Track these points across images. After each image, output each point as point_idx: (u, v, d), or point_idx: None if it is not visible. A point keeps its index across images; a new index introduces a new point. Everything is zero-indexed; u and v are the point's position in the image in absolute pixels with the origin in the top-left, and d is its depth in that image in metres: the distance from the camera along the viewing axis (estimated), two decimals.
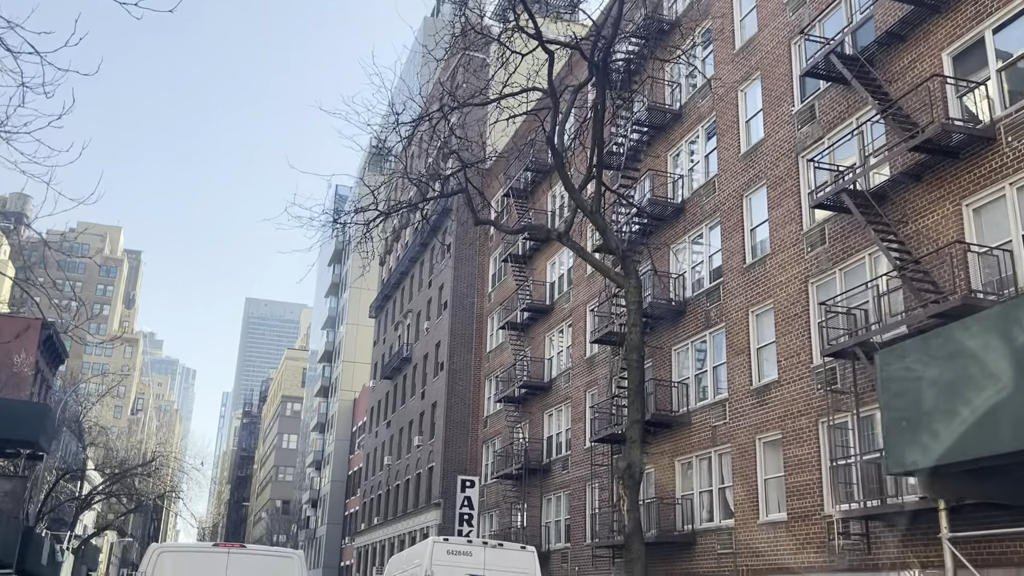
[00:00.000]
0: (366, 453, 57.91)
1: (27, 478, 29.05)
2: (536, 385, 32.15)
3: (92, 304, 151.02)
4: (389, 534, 46.77)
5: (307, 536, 77.72)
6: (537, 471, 30.95)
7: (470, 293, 41.94)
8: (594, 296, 28.93)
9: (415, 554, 15.26)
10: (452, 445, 39.70)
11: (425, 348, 45.72)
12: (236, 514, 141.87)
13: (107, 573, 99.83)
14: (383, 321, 58.87)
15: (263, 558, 12.65)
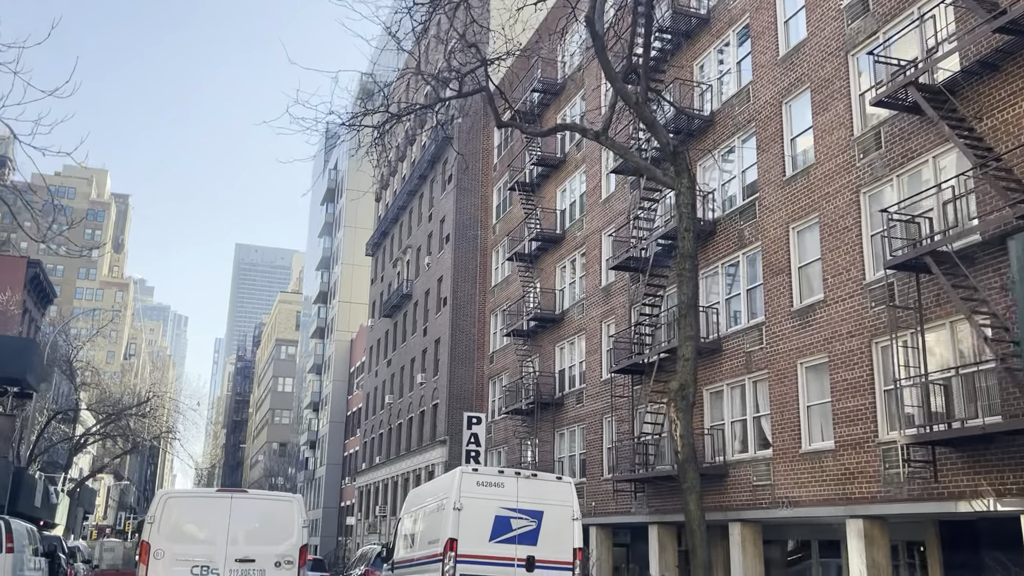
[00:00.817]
0: (365, 393, 56.80)
1: (15, 417, 27.65)
2: (547, 317, 30.73)
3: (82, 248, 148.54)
4: (392, 473, 45.85)
5: (306, 477, 77.20)
6: (549, 405, 29.71)
7: (473, 225, 40.25)
8: (610, 222, 27.32)
9: (441, 487, 13.90)
10: (457, 382, 38.45)
11: (426, 284, 44.20)
12: (233, 457, 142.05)
13: (104, 516, 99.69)
14: (380, 259, 57.23)
15: (264, 502, 13.37)
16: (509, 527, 13.05)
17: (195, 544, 12.22)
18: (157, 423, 44.94)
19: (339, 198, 79.00)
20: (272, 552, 12.28)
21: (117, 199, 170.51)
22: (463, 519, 12.82)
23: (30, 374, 27.74)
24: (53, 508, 36.85)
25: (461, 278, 39.68)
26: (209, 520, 12.35)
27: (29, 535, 18.66)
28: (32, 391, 29.54)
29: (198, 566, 12.01)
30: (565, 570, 13.09)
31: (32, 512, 32.06)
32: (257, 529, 12.49)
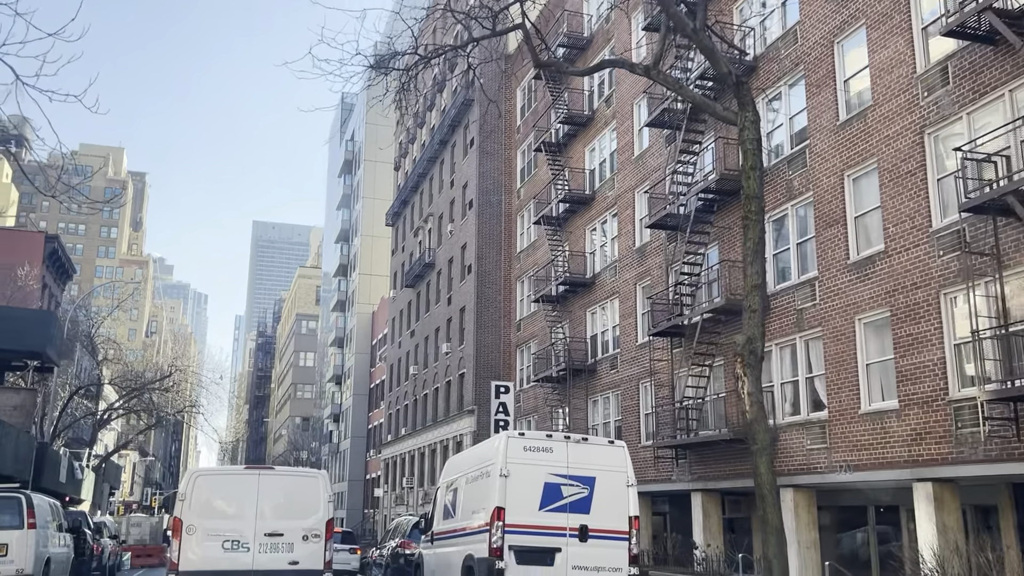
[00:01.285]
0: (389, 365, 56.14)
1: (36, 391, 27.03)
2: (577, 281, 29.70)
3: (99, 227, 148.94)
4: (419, 444, 45.22)
5: (330, 451, 77.00)
6: (581, 372, 28.77)
7: (497, 190, 39.15)
8: (644, 179, 26.16)
9: (484, 453, 12.97)
10: (484, 350, 37.58)
11: (449, 252, 43.23)
12: (256, 432, 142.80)
13: (131, 492, 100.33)
14: (401, 228, 56.28)
15: (290, 478, 13.59)
16: (559, 495, 12.13)
17: (225, 520, 12.52)
18: (180, 397, 44.47)
19: (357, 169, 78.00)
20: (299, 526, 12.55)
21: (134, 177, 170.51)
22: (510, 487, 11.90)
23: (50, 347, 27.07)
24: (79, 484, 36.45)
25: (485, 244, 38.67)
26: (238, 496, 12.66)
27: (52, 511, 18.01)
28: (53, 365, 28.92)
29: (229, 540, 12.34)
30: (620, 540, 12.17)
31: (57, 488, 31.60)
32: (284, 504, 12.72)
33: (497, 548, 11.67)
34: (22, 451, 25.23)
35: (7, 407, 26.31)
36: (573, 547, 11.95)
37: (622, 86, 28.13)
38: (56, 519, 18.39)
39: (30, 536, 15.84)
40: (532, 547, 11.83)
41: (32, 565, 15.78)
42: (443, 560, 13.95)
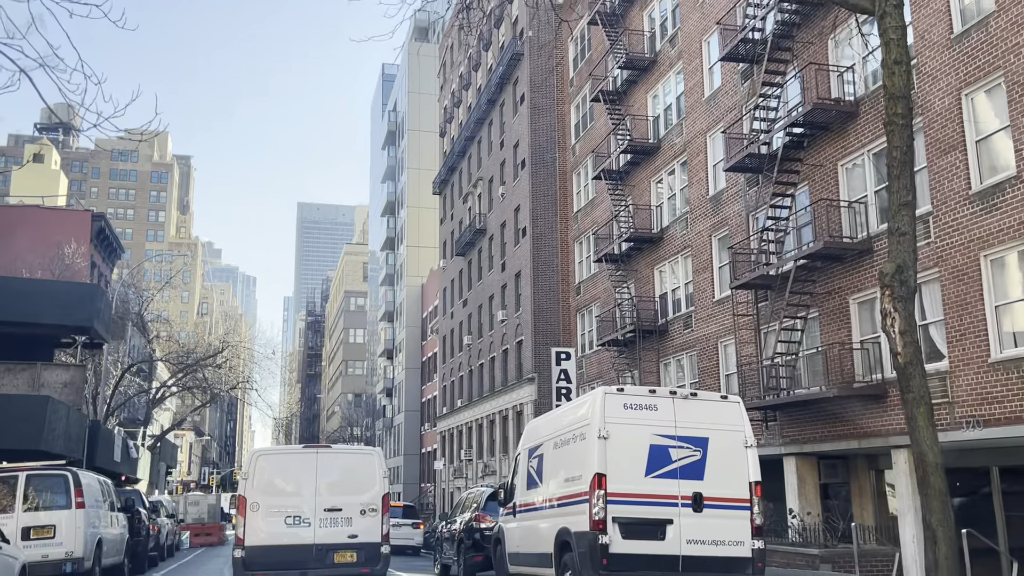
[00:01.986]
0: (441, 336, 54.89)
1: (85, 367, 26.14)
2: (643, 237, 27.83)
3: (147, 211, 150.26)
4: (476, 415, 43.92)
5: (384, 425, 76.40)
6: (652, 333, 26.98)
7: (550, 148, 37.30)
8: (717, 120, 24.12)
9: (576, 413, 11.34)
10: (542, 316, 35.95)
11: (501, 216, 41.56)
12: (309, 410, 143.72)
13: (188, 471, 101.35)
14: (449, 196, 54.74)
15: (346, 455, 14.42)
16: (668, 458, 10.47)
17: (286, 496, 12.93)
18: (233, 373, 43.74)
19: (400, 140, 76.58)
20: (357, 501, 12.98)
21: (179, 160, 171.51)
22: (611, 450, 10.27)
23: (97, 322, 26.09)
24: (134, 463, 35.84)
25: (540, 206, 36.91)
26: (298, 474, 13.09)
27: (103, 489, 16.91)
28: (102, 341, 28.01)
29: (291, 516, 12.75)
30: (740, 509, 10.49)
31: (112, 467, 30.89)
32: (342, 481, 13.12)
33: (599, 520, 10.07)
34: (73, 429, 24.35)
35: (56, 384, 25.44)
36: (686, 518, 10.31)
37: (688, 23, 26.03)
38: (107, 498, 17.30)
39: (79, 516, 14.70)
40: (639, 519, 10.21)
41: (82, 547, 14.65)
42: (530, 534, 12.41)
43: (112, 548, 16.88)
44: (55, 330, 25.62)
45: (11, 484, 14.62)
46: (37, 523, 14.45)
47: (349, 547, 12.73)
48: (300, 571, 12.62)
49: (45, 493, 14.78)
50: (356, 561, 12.76)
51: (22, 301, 25.14)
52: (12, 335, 25.80)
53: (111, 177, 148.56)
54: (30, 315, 25.03)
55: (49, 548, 14.37)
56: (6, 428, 20.51)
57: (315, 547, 12.65)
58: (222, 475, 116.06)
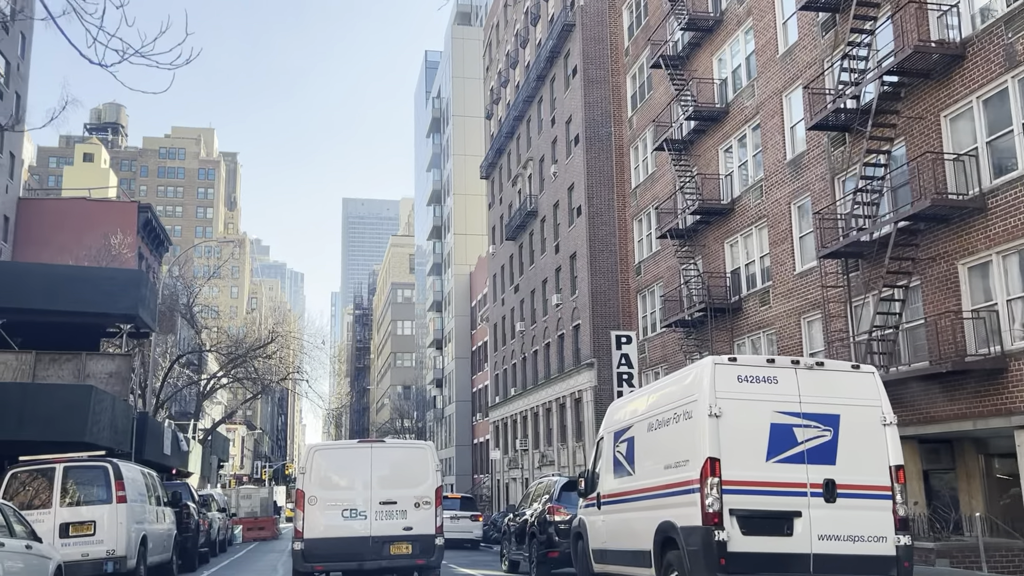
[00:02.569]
0: (492, 324, 53.52)
1: (131, 356, 25.21)
2: (712, 209, 26.01)
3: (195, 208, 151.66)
4: (531, 403, 42.46)
5: (435, 416, 75.41)
6: (724, 312, 25.19)
7: (605, 122, 35.57)
8: (794, 78, 22.20)
9: (678, 388, 9.73)
10: (600, 299, 34.31)
11: (554, 196, 39.96)
12: (359, 403, 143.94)
13: (241, 465, 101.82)
14: (497, 180, 53.27)
15: (400, 449, 14.54)
16: (792, 439, 8.84)
17: (343, 490, 13.15)
18: (283, 364, 42.90)
19: (445, 127, 75.32)
20: (411, 494, 13.11)
21: (226, 157, 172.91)
22: (725, 430, 8.68)
23: (143, 309, 25.15)
24: (185, 456, 35.07)
25: (596, 183, 35.23)
26: (353, 468, 13.32)
27: (148, 482, 15.75)
28: (148, 330, 27.11)
29: (348, 509, 12.95)
30: (880, 498, 8.84)
31: (162, 460, 30.08)
32: (396, 474, 13.31)
33: (714, 513, 8.48)
34: (120, 421, 23.42)
35: (102, 375, 24.55)
36: (817, 510, 8.67)
37: None
38: (153, 492, 16.14)
39: (120, 511, 13.52)
40: (762, 511, 8.60)
41: (124, 545, 13.46)
42: (620, 529, 10.86)
43: (159, 545, 15.75)
44: (99, 319, 24.74)
45: (49, 477, 13.52)
46: (76, 519, 13.33)
47: (404, 539, 12.91)
48: (357, 563, 12.82)
49: (84, 486, 13.65)
50: (411, 553, 12.93)
51: (65, 289, 24.29)
52: (56, 324, 25.01)
53: (159, 175, 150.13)
54: (73, 303, 24.17)
55: (89, 546, 13.23)
56: (49, 419, 19.57)
57: (371, 539, 12.84)
58: (274, 468, 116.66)
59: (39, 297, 24.10)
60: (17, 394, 20.19)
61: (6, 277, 23.94)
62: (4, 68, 37.50)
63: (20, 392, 20.33)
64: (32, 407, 19.87)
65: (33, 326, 25.22)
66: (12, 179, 40.13)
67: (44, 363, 24.40)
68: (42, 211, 43.07)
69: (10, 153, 38.78)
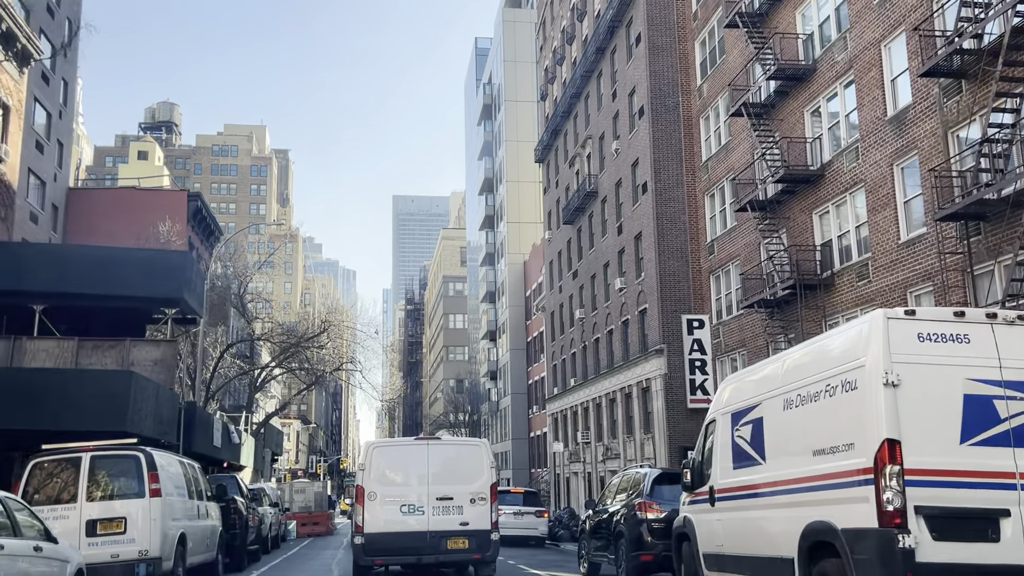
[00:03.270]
0: (549, 313, 51.56)
1: (177, 342, 23.89)
2: (798, 177, 23.68)
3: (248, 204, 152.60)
4: (592, 394, 40.43)
5: (490, 409, 73.78)
6: (815, 288, 22.87)
7: (672, 91, 33.33)
8: (896, 24, 19.79)
9: (833, 353, 7.65)
10: (669, 280, 32.12)
11: (616, 174, 37.83)
12: (412, 398, 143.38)
13: (296, 459, 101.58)
14: (552, 162, 51.26)
15: (455, 447, 15.16)
16: (993, 415, 6.76)
17: (401, 486, 13.41)
18: (336, 355, 41.56)
19: (496, 113, 73.54)
20: (467, 490, 13.28)
21: (277, 154, 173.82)
22: (905, 403, 6.64)
23: (188, 293, 23.81)
24: (237, 449, 33.86)
25: (662, 157, 33.01)
26: (410, 465, 13.61)
27: (187, 474, 14.17)
28: (195, 315, 25.79)
29: (406, 505, 13.18)
30: None
31: (212, 452, 28.83)
32: (452, 471, 13.51)
33: (895, 512, 6.45)
34: (165, 410, 22.08)
35: (147, 362, 23.22)
36: None
37: None
38: (195, 485, 14.57)
39: (154, 506, 11.94)
40: (958, 509, 6.53)
41: (159, 544, 11.86)
42: (745, 531, 8.84)
43: (200, 543, 14.18)
44: (143, 303, 23.46)
45: (75, 466, 11.99)
46: (105, 515, 11.78)
47: (461, 534, 13.09)
48: (416, 557, 13.15)
49: (114, 478, 12.10)
50: (468, 547, 13.11)
51: (106, 272, 23.02)
52: (99, 311, 23.81)
53: (212, 172, 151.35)
54: (115, 286, 22.89)
55: (119, 546, 11.67)
56: (87, 408, 18.22)
57: (429, 534, 13.06)
58: (329, 463, 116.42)
59: (79, 280, 22.88)
60: (53, 381, 18.90)
61: (45, 260, 22.78)
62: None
63: (57, 379, 19.05)
64: (69, 394, 18.54)
65: (76, 313, 24.06)
66: (61, 168, 39.36)
67: (87, 350, 23.17)
68: (92, 201, 42.33)
69: (57, 141, 37.96)
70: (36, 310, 22.79)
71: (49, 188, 36.78)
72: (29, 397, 18.09)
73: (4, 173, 25.96)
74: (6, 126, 26.21)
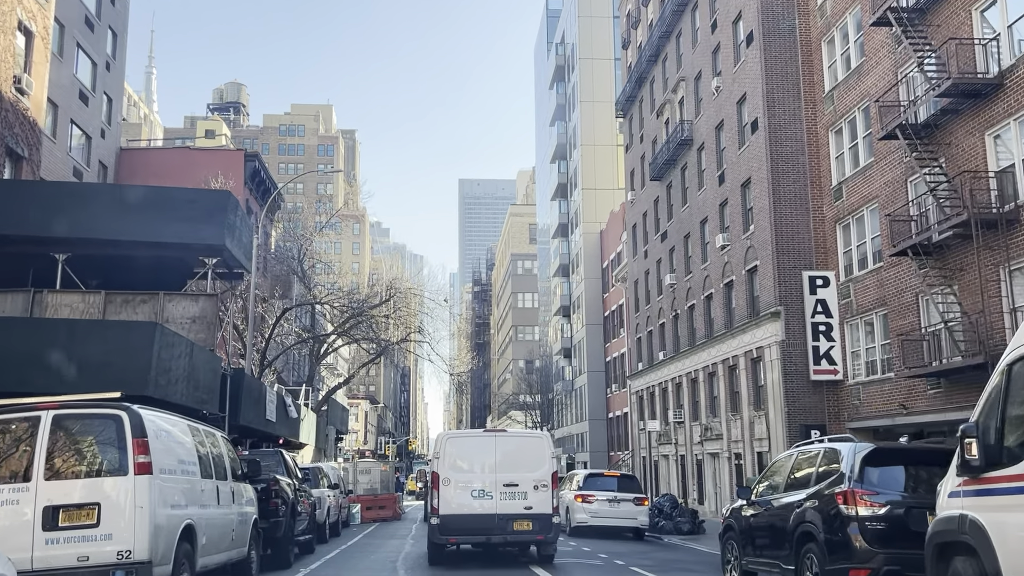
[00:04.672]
0: (631, 282, 47.24)
1: (217, 296, 20.51)
2: (968, 89, 18.95)
3: (315, 184, 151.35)
4: (687, 368, 36.11)
5: (563, 389, 69.86)
6: (993, 226, 18.22)
7: (787, 13, 28.63)
8: None
9: None
10: (786, 232, 27.57)
11: (716, 115, 33.29)
12: (480, 380, 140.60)
13: (364, 440, 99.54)
14: (636, 115, 46.78)
15: (519, 438, 16.45)
16: None
17: (471, 473, 14.76)
18: (402, 324, 38.08)
19: (570, 74, 69.16)
20: (530, 478, 14.66)
21: (344, 134, 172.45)
22: None
23: (231, 240, 20.41)
24: (295, 424, 30.67)
25: (776, 89, 28.38)
26: (480, 454, 14.97)
27: (197, 440, 10.49)
28: (241, 269, 22.43)
29: (476, 490, 14.58)
30: None
31: (265, 427, 25.59)
32: (516, 460, 14.86)
33: None
34: (203, 375, 18.73)
35: (183, 319, 19.91)
36: None
37: None
38: (213, 461, 10.98)
39: (140, 488, 8.33)
40: None
41: (147, 541, 8.23)
42: None
43: (220, 538, 10.60)
44: (180, 251, 20.11)
45: (30, 430, 8.44)
46: (70, 500, 8.20)
47: (526, 517, 14.29)
48: (485, 536, 14.40)
49: (84, 447, 8.52)
50: (532, 529, 14.34)
51: (137, 214, 19.76)
52: (131, 262, 20.56)
53: (279, 152, 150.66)
54: (146, 231, 19.55)
55: (89, 544, 8.09)
56: (99, 366, 14.90)
57: (497, 516, 14.31)
58: (398, 444, 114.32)
59: (106, 224, 19.65)
60: (62, 335, 15.62)
61: (67, 200, 19.55)
62: None
63: (65, 332, 15.75)
64: (79, 350, 15.24)
65: (105, 264, 20.85)
66: (110, 125, 36.68)
67: (116, 304, 19.92)
68: (145, 160, 39.77)
69: (105, 94, 35.28)
70: (59, 259, 19.68)
71: (96, 144, 34.07)
72: (29, 354, 14.87)
73: (28, 108, 22.91)
74: (29, 54, 23.16)
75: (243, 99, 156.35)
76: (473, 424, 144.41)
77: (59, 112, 29.23)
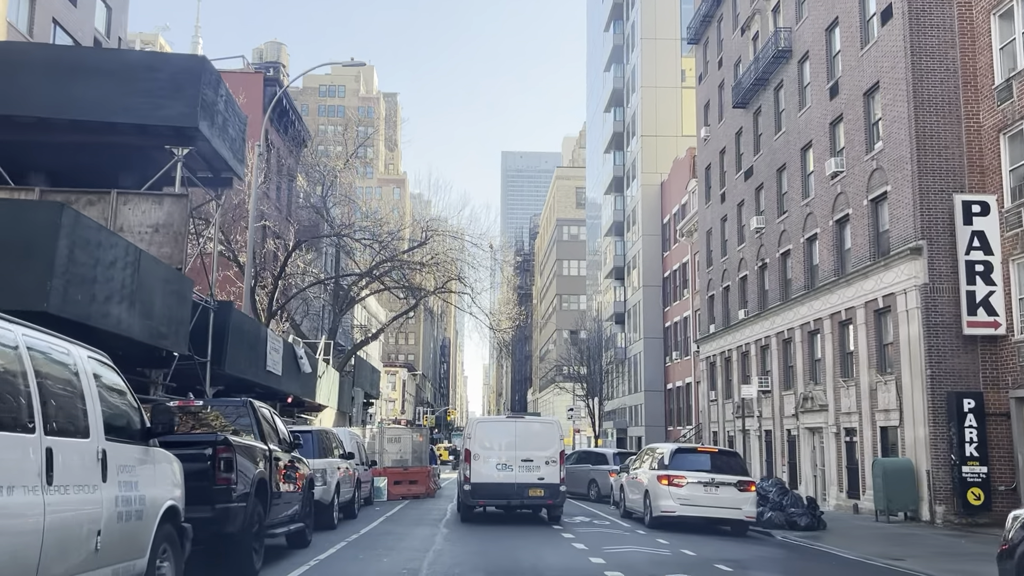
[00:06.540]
0: (704, 231, 41.30)
1: (187, 197, 15.21)
2: None
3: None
4: (776, 327, 30.26)
5: (614, 357, 64.12)
6: None
7: None
8: None
9: None
10: (929, 146, 21.47)
11: (827, 14, 27.17)
12: (520, 352, 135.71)
13: (402, 409, 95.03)
14: (712, 39, 40.63)
15: (534, 424, 19.75)
16: None
17: (496, 450, 18.34)
18: (439, 270, 32.70)
19: (630, 11, 62.79)
20: (543, 455, 18.24)
21: (386, 96, 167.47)
22: None
23: (206, 121, 15.12)
24: (309, 381, 25.54)
25: None
26: (503, 435, 18.66)
27: (31, 379, 5.11)
28: (228, 172, 17.08)
29: (499, 464, 18.13)
30: None
31: (265, 380, 20.46)
32: (532, 441, 18.44)
33: None
34: (161, 299, 13.45)
35: (143, 228, 14.78)
36: None
37: None
38: (63, 408, 5.58)
39: None
40: None
41: None
42: None
43: (47, 551, 5.22)
44: (136, 135, 14.86)
45: None
46: None
47: (539, 486, 17.99)
48: (507, 500, 18.20)
49: None
50: (543, 496, 18.06)
51: (79, 85, 14.52)
52: (78, 150, 15.44)
53: (319, 113, 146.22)
54: (90, 108, 14.33)
55: None
56: None
57: (516, 485, 17.97)
58: (436, 415, 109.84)
59: (36, 97, 14.49)
60: None
61: None
62: None
63: None
64: None
65: (52, 157, 15.77)
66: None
67: None
68: None
69: (119, 38, 30.57)
70: None
71: None
72: None
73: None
74: None
75: (283, 59, 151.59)
76: (513, 398, 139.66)
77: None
